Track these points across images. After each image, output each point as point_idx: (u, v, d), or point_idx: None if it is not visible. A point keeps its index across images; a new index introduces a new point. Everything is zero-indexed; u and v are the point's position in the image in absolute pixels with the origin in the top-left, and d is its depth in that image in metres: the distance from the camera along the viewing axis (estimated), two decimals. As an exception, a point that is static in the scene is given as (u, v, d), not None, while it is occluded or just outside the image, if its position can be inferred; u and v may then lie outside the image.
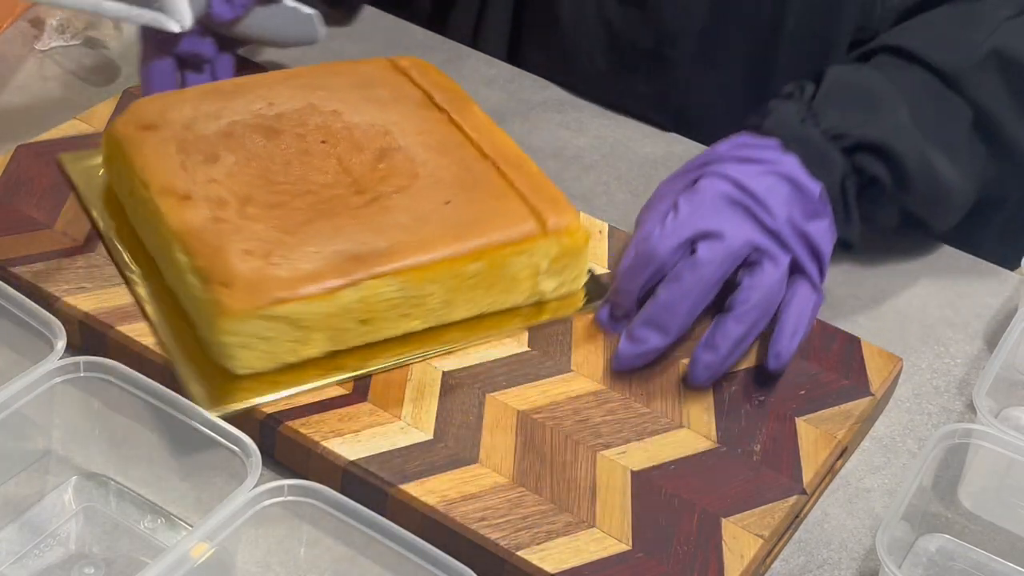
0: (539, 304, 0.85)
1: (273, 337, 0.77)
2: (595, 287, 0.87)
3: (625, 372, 0.82)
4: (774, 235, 0.82)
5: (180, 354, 0.78)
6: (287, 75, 0.94)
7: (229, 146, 0.85)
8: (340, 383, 0.78)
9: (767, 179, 0.83)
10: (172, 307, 0.81)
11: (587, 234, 0.85)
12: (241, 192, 0.82)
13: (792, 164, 0.85)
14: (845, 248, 0.90)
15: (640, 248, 0.82)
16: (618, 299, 0.84)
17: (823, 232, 0.84)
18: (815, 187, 0.84)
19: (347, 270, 0.77)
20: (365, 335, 0.80)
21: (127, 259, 0.84)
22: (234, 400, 0.76)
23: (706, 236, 0.81)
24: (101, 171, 0.90)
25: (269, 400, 0.77)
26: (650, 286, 0.82)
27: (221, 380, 0.77)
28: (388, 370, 0.79)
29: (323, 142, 0.86)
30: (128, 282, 0.83)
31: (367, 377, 0.79)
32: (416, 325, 0.81)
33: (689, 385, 0.81)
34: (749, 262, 0.81)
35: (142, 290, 0.82)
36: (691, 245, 0.81)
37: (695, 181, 0.84)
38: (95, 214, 0.88)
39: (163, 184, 0.82)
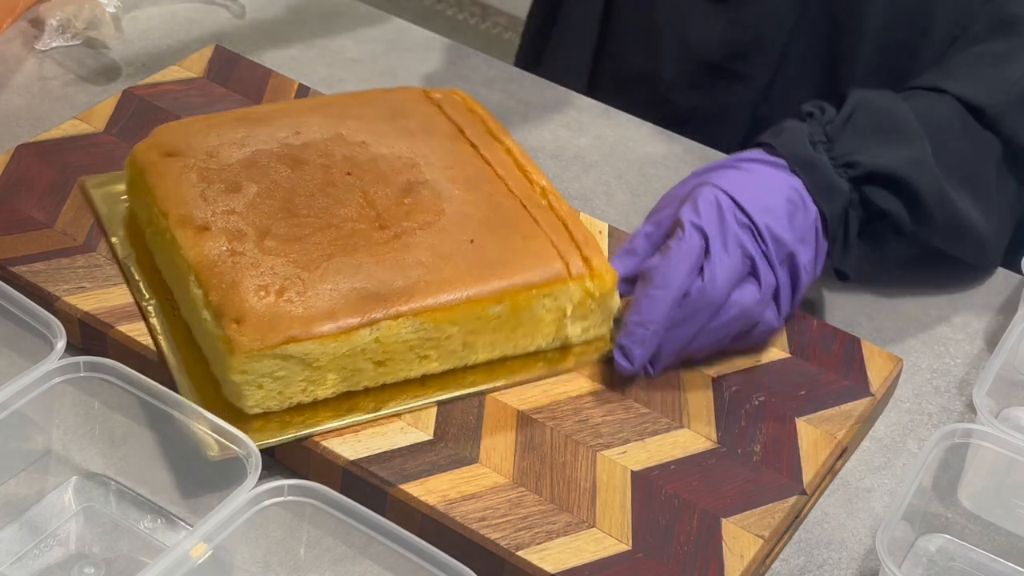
0: (564, 348, 0.83)
1: (285, 376, 0.75)
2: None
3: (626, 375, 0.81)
4: (762, 253, 0.81)
5: (192, 391, 0.77)
6: (317, 103, 0.92)
7: (252, 176, 0.83)
8: (352, 426, 0.77)
9: (767, 198, 0.82)
10: (187, 340, 0.80)
11: (615, 277, 0.82)
12: (261, 224, 0.80)
13: (795, 186, 0.84)
14: (841, 278, 0.90)
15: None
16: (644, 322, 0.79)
17: (808, 260, 0.83)
18: (812, 212, 0.83)
19: (363, 309, 0.76)
20: (380, 376, 0.78)
21: (143, 288, 0.83)
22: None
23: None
24: (124, 197, 0.88)
25: (280, 441, 0.75)
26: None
27: (233, 418, 0.73)
28: (404, 413, 0.78)
29: (348, 174, 0.84)
30: (143, 313, 0.81)
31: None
32: (434, 367, 0.79)
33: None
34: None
35: (156, 322, 0.81)
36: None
37: (693, 189, 0.83)
38: (115, 241, 0.86)
39: (181, 214, 0.80)
